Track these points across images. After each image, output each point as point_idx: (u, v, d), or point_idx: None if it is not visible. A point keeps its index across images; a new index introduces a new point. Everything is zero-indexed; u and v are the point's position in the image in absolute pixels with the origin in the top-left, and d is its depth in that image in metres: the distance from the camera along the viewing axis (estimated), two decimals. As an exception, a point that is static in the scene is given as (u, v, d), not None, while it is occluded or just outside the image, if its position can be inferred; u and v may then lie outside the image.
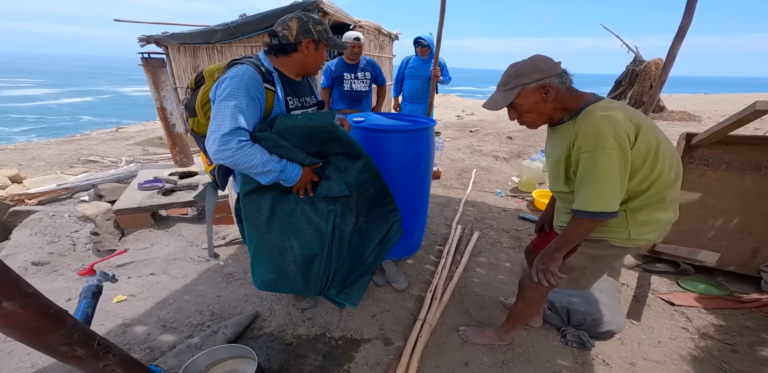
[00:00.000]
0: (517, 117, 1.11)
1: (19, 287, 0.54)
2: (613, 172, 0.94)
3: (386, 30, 5.78)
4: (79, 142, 5.87)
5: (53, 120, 15.88)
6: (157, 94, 2.80)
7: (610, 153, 0.93)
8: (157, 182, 2.54)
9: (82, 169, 4.05)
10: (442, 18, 2.87)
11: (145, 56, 2.82)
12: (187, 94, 1.33)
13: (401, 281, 1.96)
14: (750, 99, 13.38)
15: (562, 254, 1.12)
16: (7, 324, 0.53)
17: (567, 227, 1.09)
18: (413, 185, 1.93)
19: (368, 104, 2.95)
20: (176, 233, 2.38)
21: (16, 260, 2.07)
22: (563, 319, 1.64)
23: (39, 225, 2.24)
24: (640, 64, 8.20)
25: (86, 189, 3.00)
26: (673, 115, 7.79)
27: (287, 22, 1.19)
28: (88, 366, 0.69)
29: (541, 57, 1.05)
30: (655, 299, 1.91)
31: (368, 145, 1.77)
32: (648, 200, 1.04)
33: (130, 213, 2.28)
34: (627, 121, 0.95)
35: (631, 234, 1.07)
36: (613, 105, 1.01)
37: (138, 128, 8.56)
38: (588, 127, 0.97)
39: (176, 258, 2.15)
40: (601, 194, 0.96)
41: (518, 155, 4.59)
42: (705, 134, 2.14)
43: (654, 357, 1.52)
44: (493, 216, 2.91)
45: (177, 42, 5.06)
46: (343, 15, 4.19)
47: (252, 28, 4.37)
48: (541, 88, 1.02)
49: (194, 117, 1.28)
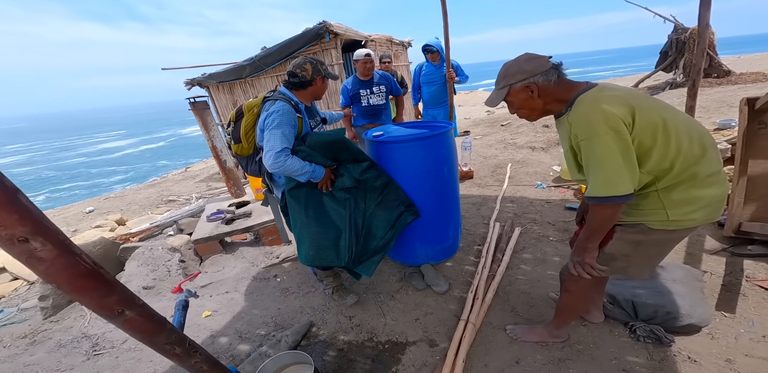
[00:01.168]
0: (515, 112, 1.19)
1: (134, 300, 0.74)
2: (613, 156, 0.94)
3: (398, 39, 5.92)
4: (160, 185, 6.87)
5: (138, 167, 18.55)
6: (207, 135, 3.14)
7: (604, 138, 0.94)
8: (220, 214, 2.89)
9: (166, 208, 4.76)
10: (446, 21, 2.91)
11: (192, 101, 3.08)
12: (230, 126, 1.71)
13: (441, 284, 1.97)
14: None
15: (594, 244, 1.11)
16: (129, 327, 0.72)
17: (588, 216, 1.08)
18: (440, 189, 1.96)
19: (388, 116, 3.04)
20: (240, 256, 2.68)
21: (131, 286, 2.49)
22: (629, 313, 1.51)
23: (142, 257, 2.70)
24: (684, 32, 7.30)
25: (171, 225, 3.52)
26: (745, 78, 6.75)
27: (303, 65, 1.62)
28: (184, 362, 0.89)
29: (527, 56, 1.10)
30: (752, 287, 1.66)
31: (389, 157, 1.87)
32: (678, 177, 0.99)
33: (204, 242, 2.64)
34: (618, 106, 0.96)
35: (669, 215, 1.02)
36: (603, 92, 1.02)
37: (201, 166, 9.71)
38: (578, 116, 1.00)
39: (242, 277, 2.41)
40: (607, 178, 0.96)
41: (557, 143, 4.32)
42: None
43: (759, 353, 1.32)
44: (536, 210, 2.78)
45: (215, 81, 5.68)
46: (353, 33, 4.42)
47: (273, 58, 4.73)
48: (526, 88, 1.08)
49: (239, 144, 1.68)
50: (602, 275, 1.17)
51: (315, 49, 4.33)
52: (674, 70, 7.69)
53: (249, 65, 4.99)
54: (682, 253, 1.99)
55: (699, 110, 4.84)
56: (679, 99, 6.07)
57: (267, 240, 2.72)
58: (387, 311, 1.86)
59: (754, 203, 1.99)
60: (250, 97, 5.60)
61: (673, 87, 7.28)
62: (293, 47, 4.39)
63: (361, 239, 1.73)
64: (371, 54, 2.74)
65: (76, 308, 2.37)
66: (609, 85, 1.07)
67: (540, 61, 1.07)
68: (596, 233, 1.08)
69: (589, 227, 1.08)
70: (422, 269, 2.11)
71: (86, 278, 0.56)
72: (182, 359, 0.85)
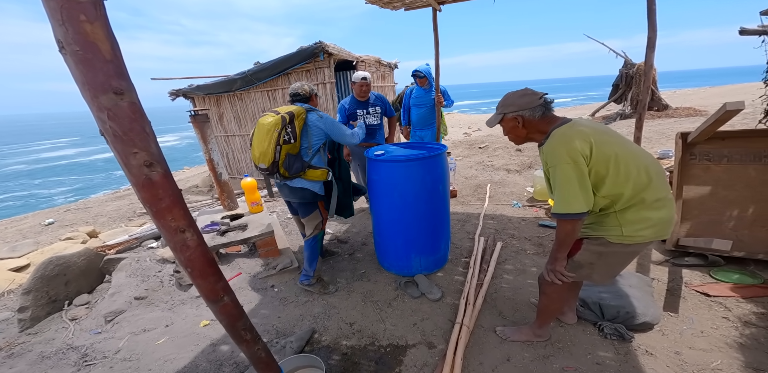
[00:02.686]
0: (506, 135, 1.48)
1: (231, 289, 0.87)
2: (570, 181, 1.21)
3: (385, 61, 6.37)
4: (129, 198, 6.59)
5: (89, 179, 17.32)
6: (205, 147, 3.16)
7: (564, 167, 1.21)
8: (214, 226, 2.93)
9: (140, 220, 4.60)
10: (437, 49, 3.29)
11: (192, 113, 3.14)
12: (287, 129, 1.94)
13: (435, 292, 2.19)
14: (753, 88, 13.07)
15: (562, 254, 1.38)
16: (223, 311, 0.87)
17: (556, 230, 1.35)
18: (435, 205, 2.22)
19: (381, 136, 3.29)
20: (236, 267, 2.73)
21: (123, 296, 2.46)
22: (597, 314, 1.79)
23: (130, 268, 2.67)
24: (632, 67, 8.49)
25: (151, 238, 3.46)
26: (680, 112, 7.87)
27: (303, 87, 2.11)
28: (250, 349, 1.02)
29: (523, 92, 1.37)
30: (690, 291, 2.01)
31: (391, 175, 2.12)
32: (629, 201, 1.26)
33: None
34: (580, 141, 1.22)
35: (623, 231, 1.28)
36: (573, 128, 1.28)
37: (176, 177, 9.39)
38: (549, 147, 1.28)
39: (240, 288, 2.47)
40: (564, 199, 1.23)
41: (529, 166, 4.81)
42: (696, 132, 2.36)
43: (699, 346, 1.61)
44: (514, 226, 3.11)
45: (202, 93, 5.76)
46: (345, 54, 4.75)
47: (267, 74, 4.92)
48: (514, 118, 1.36)
49: (293, 143, 1.95)
50: (570, 280, 1.44)
51: (309, 66, 4.60)
52: (623, 102, 8.81)
53: (241, 79, 5.15)
54: (634, 263, 2.36)
55: (643, 141, 5.57)
56: (627, 129, 6.92)
57: (263, 251, 2.80)
58: (386, 318, 2.03)
59: (689, 222, 2.43)
60: (237, 110, 5.72)
61: (622, 118, 8.29)
62: (288, 64, 4.63)
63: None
64: (368, 77, 3.01)
65: (56, 320, 2.30)
66: (579, 121, 1.33)
67: (532, 98, 1.33)
68: (563, 244, 1.34)
69: (557, 238, 1.35)
70: (416, 279, 2.31)
71: (211, 266, 0.72)
72: (250, 345, 0.99)
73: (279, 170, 1.97)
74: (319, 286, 2.31)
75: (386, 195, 2.20)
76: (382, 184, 2.18)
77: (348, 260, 2.76)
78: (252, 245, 2.92)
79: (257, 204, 3.11)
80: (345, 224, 3.47)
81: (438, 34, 3.09)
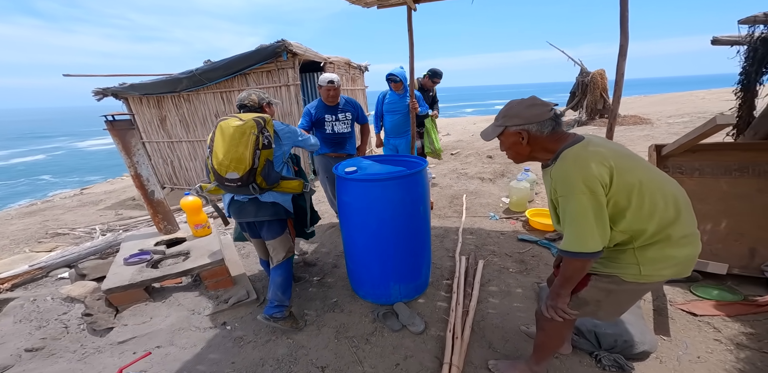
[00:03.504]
0: (503, 150, 1.29)
1: None
2: (585, 215, 1.03)
3: (355, 63, 6.15)
4: (44, 213, 5.59)
5: (10, 184, 15.22)
6: (129, 161, 2.63)
7: (579, 197, 1.03)
8: (144, 255, 2.49)
9: (53, 244, 3.86)
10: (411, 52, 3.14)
11: (109, 119, 2.50)
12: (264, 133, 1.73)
13: (417, 323, 1.99)
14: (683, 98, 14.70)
15: (566, 291, 1.21)
16: None
17: (562, 266, 1.19)
18: (415, 228, 2.01)
19: (352, 146, 3.03)
20: (174, 303, 2.34)
21: (7, 348, 1.97)
22: (593, 343, 1.69)
23: (22, 312, 2.16)
24: (587, 76, 9.02)
25: (64, 265, 2.91)
26: (627, 120, 8.42)
27: (250, 98, 1.90)
28: None
29: (531, 102, 1.17)
30: (676, 310, 1.99)
31: (366, 196, 1.87)
32: (652, 238, 1.09)
33: (122, 291, 2.24)
34: (599, 166, 1.04)
35: (641, 270, 1.11)
36: (588, 148, 1.09)
37: (105, 188, 8.16)
38: (560, 173, 1.09)
39: (180, 328, 2.10)
40: (578, 235, 1.06)
41: (502, 175, 4.82)
42: (674, 145, 2.38)
43: None
44: (493, 241, 3.02)
45: (138, 93, 5.16)
46: (312, 54, 4.47)
47: (219, 74, 4.51)
48: (518, 133, 1.17)
49: (272, 148, 1.76)
50: (573, 318, 1.29)
51: (270, 67, 4.26)
52: (579, 109, 9.31)
53: (187, 78, 4.67)
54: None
55: None
56: None
57: (211, 283, 2.43)
58: (364, 358, 1.80)
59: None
60: (184, 113, 5.20)
61: (579, 124, 8.76)
62: (245, 63, 4.26)
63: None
64: (335, 80, 2.71)
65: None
66: (594, 139, 1.16)
67: (541, 110, 1.13)
68: (569, 282, 1.19)
69: (562, 275, 1.18)
70: (396, 308, 2.10)
71: None
72: None
73: (256, 180, 1.72)
74: (291, 320, 1.99)
75: (360, 218, 1.96)
76: (355, 206, 1.94)
77: (317, 286, 2.49)
78: (196, 276, 2.54)
79: (202, 226, 2.72)
80: (312, 243, 3.18)
81: (413, 34, 2.93)
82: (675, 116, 8.71)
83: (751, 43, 2.14)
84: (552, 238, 2.97)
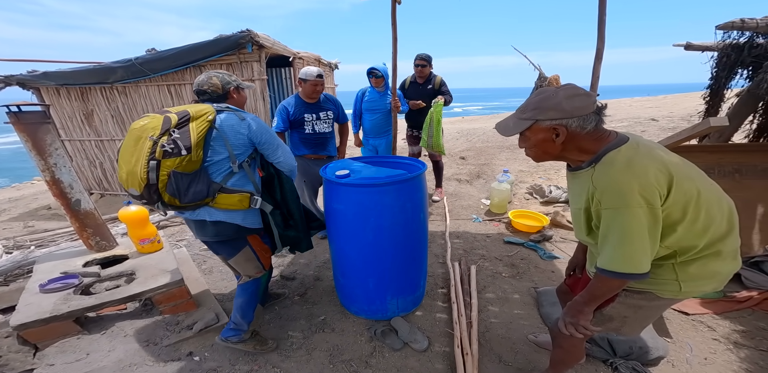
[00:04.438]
0: (524, 147, 1.10)
1: None
2: (640, 232, 0.90)
3: (326, 60, 5.89)
4: None
5: None
6: (43, 164, 2.09)
7: (636, 211, 0.88)
8: (69, 279, 2.02)
9: None
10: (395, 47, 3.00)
11: (13, 110, 2.01)
12: (168, 135, 1.33)
13: (419, 339, 1.84)
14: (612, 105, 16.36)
15: (591, 309, 1.10)
16: None
17: (592, 283, 1.06)
18: (415, 238, 1.87)
19: (333, 147, 2.85)
20: (119, 333, 1.95)
21: None
22: (607, 351, 1.67)
23: None
24: (545, 80, 9.62)
25: None
26: None
27: (209, 81, 1.53)
28: None
29: (573, 91, 0.97)
30: (669, 310, 2.02)
31: (362, 203, 1.69)
32: (700, 253, 0.99)
33: (42, 325, 1.80)
34: (656, 173, 0.90)
35: (682, 287, 1.02)
36: (639, 150, 0.95)
37: (10, 194, 6.71)
38: (608, 182, 0.92)
39: (132, 364, 1.74)
40: (628, 255, 0.92)
41: (478, 176, 4.86)
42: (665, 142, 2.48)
43: None
44: (481, 245, 2.97)
45: (55, 83, 4.48)
46: (281, 47, 4.17)
47: (167, 64, 4.04)
48: (552, 129, 0.98)
49: (185, 156, 1.34)
50: (594, 334, 1.19)
51: (231, 59, 3.88)
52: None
53: (123, 68, 4.12)
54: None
55: None
56: None
57: (167, 307, 2.06)
58: (366, 385, 1.61)
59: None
60: (118, 107, 4.61)
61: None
62: (200, 54, 3.83)
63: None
64: (323, 75, 2.55)
65: None
66: (643, 139, 1.02)
67: (585, 101, 0.96)
68: (596, 300, 1.08)
69: (591, 293, 1.06)
70: (394, 324, 1.94)
71: None
72: None
73: (162, 198, 1.38)
74: (254, 342, 1.79)
75: (354, 228, 1.76)
76: (349, 215, 1.74)
77: (300, 303, 2.24)
78: (146, 301, 2.16)
79: (150, 241, 2.32)
80: (288, 255, 2.89)
81: (396, 29, 2.80)
82: (615, 121, 9.52)
83: (722, 49, 2.30)
84: (536, 239, 2.98)
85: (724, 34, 2.24)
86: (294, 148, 2.74)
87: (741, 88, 2.56)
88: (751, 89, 2.37)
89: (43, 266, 2.24)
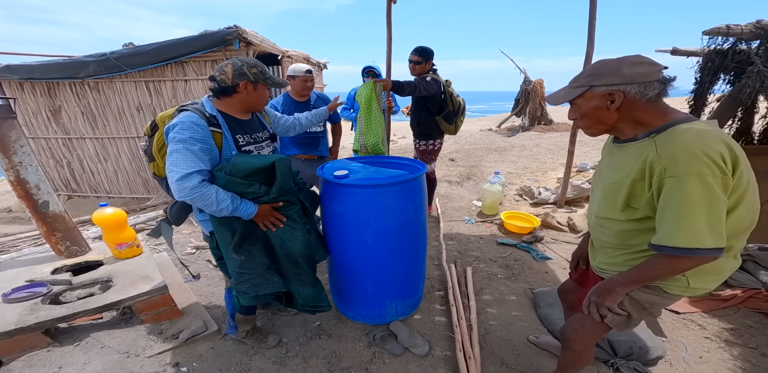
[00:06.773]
0: (575, 119, 1.05)
1: None
2: (710, 200, 0.84)
3: (315, 59, 5.84)
4: None
5: None
6: (7, 162, 2.00)
7: (707, 178, 0.82)
8: (36, 287, 1.89)
9: None
10: (389, 47, 3.02)
11: None
12: (145, 141, 1.52)
13: (420, 344, 1.83)
14: None
15: (624, 290, 1.06)
16: None
17: (650, 261, 0.98)
18: (416, 241, 1.87)
19: (325, 146, 2.81)
20: (95, 345, 1.84)
21: None
22: (607, 351, 1.70)
23: None
24: (530, 84, 9.89)
25: None
26: (561, 127, 9.39)
27: (223, 68, 1.38)
28: None
29: (637, 59, 0.92)
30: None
31: (363, 204, 1.67)
32: None
33: (6, 338, 1.68)
34: (729, 149, 0.85)
35: (690, 282, 1.01)
36: (712, 127, 0.90)
37: None
38: (678, 148, 0.86)
39: (112, 379, 1.65)
40: (695, 227, 0.85)
41: (468, 178, 4.92)
42: None
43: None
44: (475, 246, 3.00)
45: (18, 77, 4.27)
46: (269, 45, 4.11)
47: (146, 59, 3.93)
48: (608, 95, 0.93)
49: (153, 162, 1.48)
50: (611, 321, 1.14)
51: (217, 56, 3.79)
52: (522, 115, 10.14)
53: (96, 63, 3.97)
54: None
55: (546, 154, 6.38)
56: (531, 141, 7.88)
57: (149, 316, 1.96)
58: (367, 393, 1.58)
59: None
60: (89, 103, 4.43)
61: (523, 130, 9.51)
62: (183, 50, 3.72)
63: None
64: (313, 71, 2.52)
65: None
66: (714, 123, 0.98)
67: (650, 69, 0.91)
68: (641, 281, 1.03)
69: (640, 273, 1.00)
70: (393, 329, 1.92)
71: None
72: None
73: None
74: (252, 339, 1.85)
75: (353, 230, 1.73)
76: (348, 217, 1.71)
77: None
78: (125, 310, 2.05)
79: (129, 246, 2.21)
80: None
81: (391, 29, 2.81)
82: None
83: (707, 54, 2.43)
84: (528, 241, 3.04)
85: (710, 40, 2.37)
86: (284, 148, 2.68)
87: (721, 94, 2.70)
88: (732, 94, 2.50)
89: (5, 273, 2.10)
